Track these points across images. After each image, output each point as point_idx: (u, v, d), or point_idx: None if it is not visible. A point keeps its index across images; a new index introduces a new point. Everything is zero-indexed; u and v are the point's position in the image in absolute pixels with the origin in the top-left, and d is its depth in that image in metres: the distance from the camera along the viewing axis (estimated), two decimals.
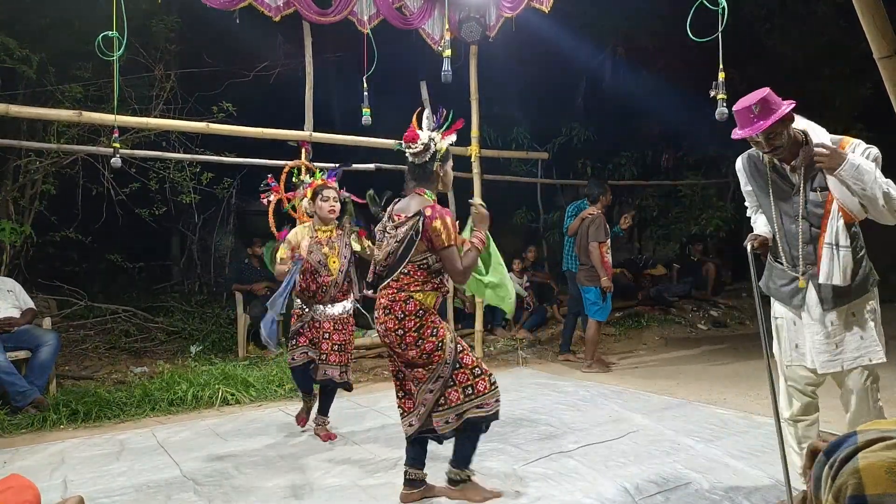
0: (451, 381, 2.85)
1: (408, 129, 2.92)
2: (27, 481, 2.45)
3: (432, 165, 2.91)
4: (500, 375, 5.93)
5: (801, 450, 2.87)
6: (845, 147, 2.55)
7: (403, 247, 2.83)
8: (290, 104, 6.61)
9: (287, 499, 3.11)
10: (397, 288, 2.85)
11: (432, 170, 2.92)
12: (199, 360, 6.19)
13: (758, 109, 2.62)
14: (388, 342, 2.90)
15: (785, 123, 2.63)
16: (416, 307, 2.82)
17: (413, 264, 2.84)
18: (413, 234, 2.81)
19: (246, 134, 5.55)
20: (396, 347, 2.88)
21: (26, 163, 6.65)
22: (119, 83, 4.59)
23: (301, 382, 4.19)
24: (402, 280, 2.85)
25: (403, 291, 2.84)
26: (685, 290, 9.32)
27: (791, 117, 2.67)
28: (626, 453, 3.59)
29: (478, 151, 6.58)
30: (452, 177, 3.07)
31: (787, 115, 2.62)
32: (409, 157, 2.94)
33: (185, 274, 10.25)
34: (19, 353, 4.90)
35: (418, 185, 2.94)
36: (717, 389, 5.14)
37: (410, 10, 6.08)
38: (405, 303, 2.82)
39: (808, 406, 2.84)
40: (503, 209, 10.60)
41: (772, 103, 2.61)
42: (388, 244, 2.89)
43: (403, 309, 2.82)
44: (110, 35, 4.33)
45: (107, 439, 4.14)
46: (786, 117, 2.62)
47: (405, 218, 2.86)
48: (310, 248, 3.89)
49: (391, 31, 6.01)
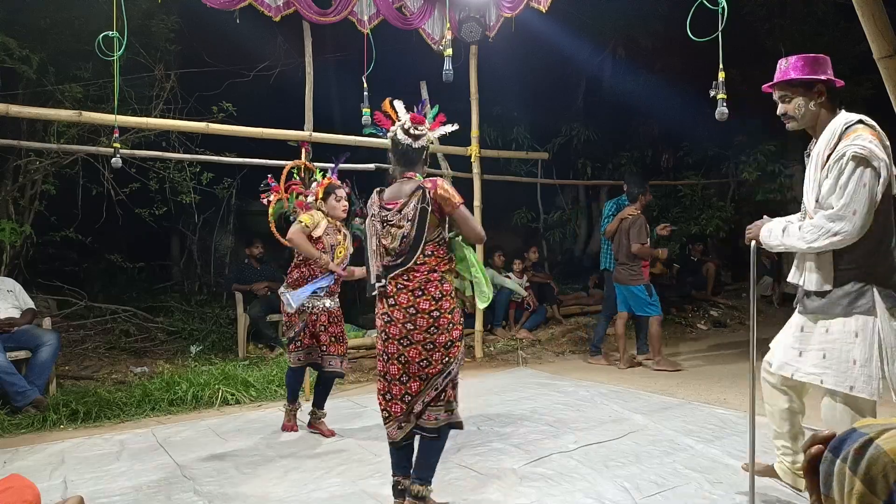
0: (456, 378, 2.81)
1: (411, 115, 2.89)
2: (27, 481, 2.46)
3: (422, 153, 2.87)
4: (500, 375, 5.97)
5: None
6: (849, 137, 2.40)
7: (417, 224, 2.69)
8: (290, 104, 6.60)
9: (287, 498, 3.11)
10: (427, 269, 2.70)
11: (421, 157, 2.87)
12: (199, 360, 6.19)
13: (786, 65, 2.52)
14: (411, 328, 2.68)
15: (797, 90, 2.50)
16: (451, 288, 2.75)
17: (432, 243, 2.73)
18: (423, 207, 2.69)
19: (246, 134, 5.54)
20: (422, 332, 2.68)
21: (26, 163, 6.66)
22: (119, 83, 4.59)
23: (293, 386, 4.22)
24: (430, 262, 2.71)
25: (435, 272, 2.71)
26: (685, 290, 9.31)
27: (817, 90, 2.50)
28: (626, 453, 3.59)
29: (478, 151, 6.58)
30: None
31: (801, 81, 2.47)
32: (406, 140, 2.82)
33: (185, 274, 10.24)
34: (19, 353, 4.90)
35: (407, 170, 2.85)
36: (717, 389, 5.14)
37: (410, 10, 6.08)
38: (441, 283, 2.70)
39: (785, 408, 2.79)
40: (503, 209, 10.61)
41: (806, 64, 2.47)
42: (396, 230, 2.75)
43: (440, 289, 2.69)
44: (110, 35, 4.32)
45: (107, 439, 4.14)
46: (798, 83, 2.47)
47: (406, 198, 2.75)
48: (326, 231, 4.00)
49: (391, 31, 6.00)
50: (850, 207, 2.31)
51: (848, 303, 2.40)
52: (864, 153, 2.32)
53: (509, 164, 10.21)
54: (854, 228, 2.31)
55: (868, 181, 2.30)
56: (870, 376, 2.34)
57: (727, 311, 8.92)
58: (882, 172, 2.32)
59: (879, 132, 2.43)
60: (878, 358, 2.35)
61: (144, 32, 6.85)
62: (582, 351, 7.08)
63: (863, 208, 2.30)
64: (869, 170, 2.31)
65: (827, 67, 2.52)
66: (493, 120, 10.10)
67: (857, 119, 2.46)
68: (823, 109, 2.52)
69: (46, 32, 6.52)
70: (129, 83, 6.92)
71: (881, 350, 2.36)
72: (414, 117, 2.86)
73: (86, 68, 6.62)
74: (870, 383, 2.34)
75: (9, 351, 4.77)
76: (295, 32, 6.28)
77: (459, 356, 2.79)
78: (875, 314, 2.36)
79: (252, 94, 8.38)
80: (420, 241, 2.71)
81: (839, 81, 2.55)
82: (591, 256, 12.31)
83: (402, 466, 2.85)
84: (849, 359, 2.38)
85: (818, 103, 2.52)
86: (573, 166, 11.12)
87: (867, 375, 2.34)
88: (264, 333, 6.74)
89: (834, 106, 2.55)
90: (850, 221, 2.31)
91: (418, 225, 2.70)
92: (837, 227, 2.33)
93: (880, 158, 2.32)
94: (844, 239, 2.33)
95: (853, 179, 2.31)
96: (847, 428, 0.61)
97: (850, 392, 2.38)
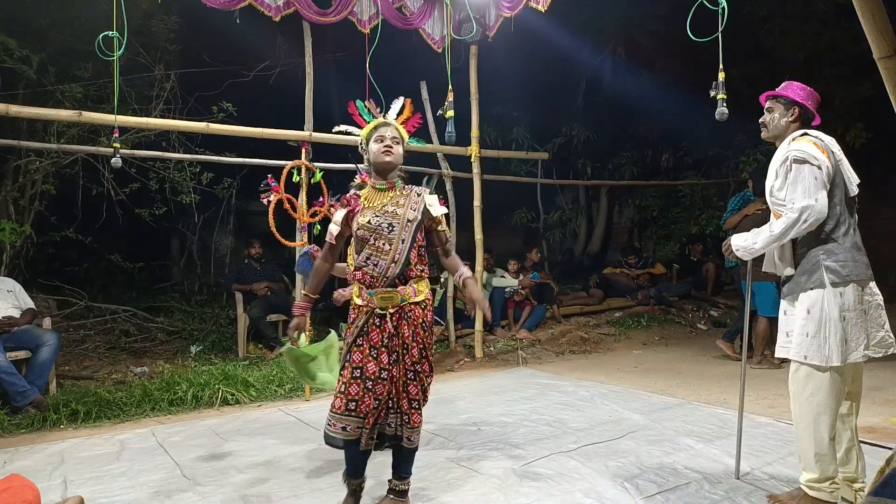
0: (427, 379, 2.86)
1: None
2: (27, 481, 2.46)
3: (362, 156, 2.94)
4: (500, 375, 5.97)
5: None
6: (791, 145, 2.80)
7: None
8: (290, 104, 6.60)
9: (287, 498, 3.11)
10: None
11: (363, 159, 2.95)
12: (199, 360, 6.19)
13: (786, 85, 2.96)
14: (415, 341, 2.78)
15: (779, 106, 2.92)
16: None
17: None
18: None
19: (246, 134, 5.54)
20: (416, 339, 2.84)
21: (26, 163, 6.66)
22: (119, 83, 4.59)
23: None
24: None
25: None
26: (685, 290, 9.32)
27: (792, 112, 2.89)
28: (626, 453, 3.59)
29: (478, 151, 6.58)
30: (376, 155, 2.86)
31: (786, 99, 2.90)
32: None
33: (185, 274, 10.26)
34: (19, 353, 4.90)
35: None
36: (717, 389, 5.14)
37: (410, 10, 6.08)
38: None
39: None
40: (503, 209, 10.62)
41: (801, 90, 2.90)
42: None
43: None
44: (110, 35, 4.32)
45: (107, 439, 4.14)
46: (784, 100, 2.90)
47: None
48: None
49: (391, 31, 6.00)
50: (807, 195, 2.68)
51: (805, 280, 2.76)
52: (802, 155, 2.72)
53: (509, 164, 10.21)
54: (817, 210, 2.67)
55: (815, 174, 2.69)
56: (819, 345, 2.68)
57: (727, 311, 8.92)
58: (823, 167, 2.69)
59: (818, 141, 2.79)
60: (825, 328, 2.68)
61: (144, 32, 6.86)
62: (582, 351, 7.08)
63: (817, 192, 2.68)
64: (808, 165, 2.70)
65: (814, 102, 2.91)
66: (493, 120, 10.10)
67: (802, 133, 2.85)
68: (791, 129, 2.89)
69: (46, 32, 6.53)
70: (129, 83, 6.93)
71: (826, 320, 2.69)
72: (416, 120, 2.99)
73: (86, 68, 6.62)
74: (820, 352, 2.67)
75: (9, 351, 4.77)
76: (295, 32, 6.28)
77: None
78: (824, 287, 2.71)
79: (252, 94, 8.39)
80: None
81: (818, 118, 2.94)
82: (591, 256, 12.33)
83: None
84: (804, 332, 2.73)
85: (789, 121, 2.90)
86: (573, 166, 11.13)
87: (818, 345, 2.68)
88: (264, 333, 6.74)
89: (802, 130, 2.88)
90: (811, 207, 2.67)
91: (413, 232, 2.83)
92: (804, 215, 2.68)
93: (816, 157, 2.70)
94: (813, 221, 2.69)
95: (801, 174, 2.71)
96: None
97: (805, 361, 2.72)
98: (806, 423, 2.74)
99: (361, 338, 2.73)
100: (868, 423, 4.11)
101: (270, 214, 4.79)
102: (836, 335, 2.66)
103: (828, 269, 2.71)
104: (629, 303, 9.03)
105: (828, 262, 2.71)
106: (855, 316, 2.69)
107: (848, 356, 2.68)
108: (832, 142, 2.84)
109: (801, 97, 2.88)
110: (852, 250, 2.75)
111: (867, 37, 2.70)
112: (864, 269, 2.74)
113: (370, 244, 2.75)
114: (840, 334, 2.67)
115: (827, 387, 2.69)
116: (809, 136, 2.81)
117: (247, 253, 7.44)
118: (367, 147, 2.88)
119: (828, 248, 2.74)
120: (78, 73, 6.64)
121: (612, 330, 7.98)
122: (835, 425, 2.73)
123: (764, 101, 3.00)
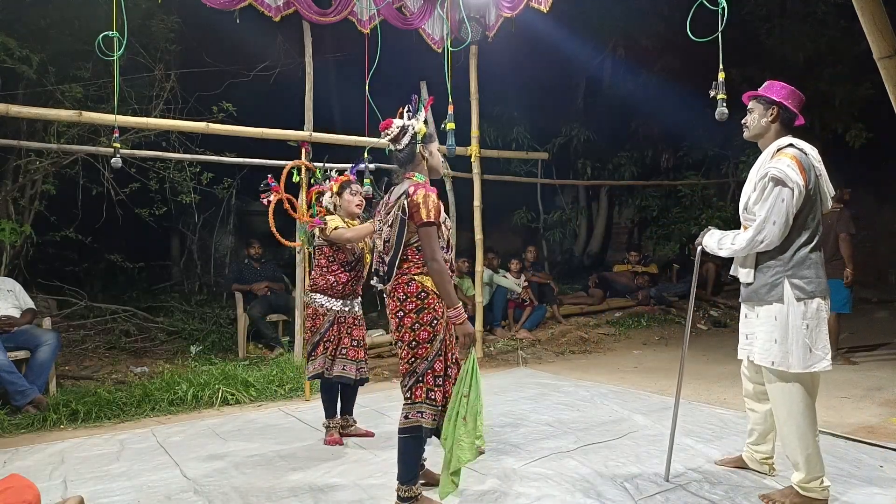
0: (420, 379, 2.81)
1: (381, 124, 2.99)
2: (27, 481, 2.46)
3: (415, 148, 2.92)
4: (500, 375, 5.97)
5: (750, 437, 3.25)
6: (774, 159, 2.82)
7: (396, 231, 2.82)
8: (290, 104, 6.61)
9: (287, 499, 3.11)
10: (401, 273, 2.85)
11: (416, 152, 2.93)
12: (199, 360, 6.19)
13: (768, 85, 2.98)
14: (392, 328, 2.90)
15: (759, 106, 2.93)
16: (418, 289, 2.81)
17: (411, 247, 2.84)
18: (401, 214, 2.79)
19: (246, 134, 5.54)
20: (396, 331, 2.88)
21: (26, 163, 6.66)
22: (119, 83, 4.59)
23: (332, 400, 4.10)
24: (404, 266, 2.85)
25: (405, 275, 2.84)
26: (685, 290, 9.32)
27: (772, 111, 2.90)
28: (626, 453, 3.59)
29: (478, 151, 6.58)
30: (441, 159, 3.06)
31: (765, 99, 2.91)
32: (390, 145, 2.97)
33: (185, 274, 10.26)
34: (19, 352, 4.90)
35: (406, 170, 2.95)
36: (717, 389, 5.14)
37: (410, 10, 6.08)
38: (407, 285, 2.82)
39: (751, 392, 3.19)
40: (503, 209, 10.63)
41: (782, 89, 2.91)
42: (384, 232, 2.91)
43: (405, 291, 2.81)
44: (110, 35, 4.32)
45: (107, 439, 4.14)
46: (764, 100, 2.92)
47: (393, 201, 2.87)
48: None
49: (391, 31, 6.00)
50: (770, 219, 2.76)
51: (766, 292, 2.85)
52: (780, 175, 2.74)
53: (509, 164, 10.21)
54: (774, 236, 2.77)
55: (785, 197, 2.73)
56: (786, 352, 2.79)
57: (727, 311, 8.93)
58: (795, 191, 2.72)
59: (801, 157, 2.79)
60: (790, 336, 2.78)
61: (144, 32, 6.86)
62: (582, 351, 7.09)
63: (780, 219, 2.74)
64: (785, 188, 2.73)
65: (795, 101, 2.91)
66: (493, 120, 10.10)
67: (788, 143, 2.85)
68: (773, 130, 2.92)
69: (46, 32, 6.53)
70: (129, 83, 6.93)
71: (790, 330, 2.79)
72: (381, 125, 2.99)
73: (86, 68, 6.62)
74: (786, 358, 2.78)
75: (8, 351, 4.77)
76: (295, 32, 6.29)
77: (430, 357, 2.80)
78: (786, 301, 2.80)
79: (252, 94, 8.39)
80: (399, 247, 2.82)
81: (800, 119, 2.95)
82: (591, 256, 12.34)
83: None
84: (771, 339, 2.83)
85: (769, 121, 2.92)
86: (573, 166, 11.13)
87: (784, 352, 2.79)
88: (264, 333, 6.74)
89: (785, 132, 2.92)
90: (769, 231, 2.76)
91: (398, 232, 2.82)
92: (761, 236, 2.78)
93: (793, 180, 2.72)
94: (768, 244, 2.79)
95: (773, 196, 2.76)
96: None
97: (772, 367, 2.83)
98: (790, 427, 2.83)
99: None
100: (868, 423, 4.11)
101: (270, 214, 4.79)
102: (800, 343, 2.77)
103: (793, 285, 2.79)
104: (629, 303, 9.04)
105: (794, 279, 2.79)
106: (816, 325, 2.80)
107: (813, 364, 2.77)
108: (815, 155, 2.87)
109: (781, 96, 2.89)
110: (817, 266, 2.82)
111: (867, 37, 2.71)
112: (825, 284, 2.85)
113: (443, 237, 2.89)
114: (804, 342, 2.77)
115: (801, 390, 2.81)
116: (794, 148, 2.82)
117: (247, 253, 7.44)
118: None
119: (795, 261, 2.80)
120: (78, 73, 6.63)
121: (612, 330, 7.99)
122: (815, 422, 2.83)
123: (747, 101, 3.02)
